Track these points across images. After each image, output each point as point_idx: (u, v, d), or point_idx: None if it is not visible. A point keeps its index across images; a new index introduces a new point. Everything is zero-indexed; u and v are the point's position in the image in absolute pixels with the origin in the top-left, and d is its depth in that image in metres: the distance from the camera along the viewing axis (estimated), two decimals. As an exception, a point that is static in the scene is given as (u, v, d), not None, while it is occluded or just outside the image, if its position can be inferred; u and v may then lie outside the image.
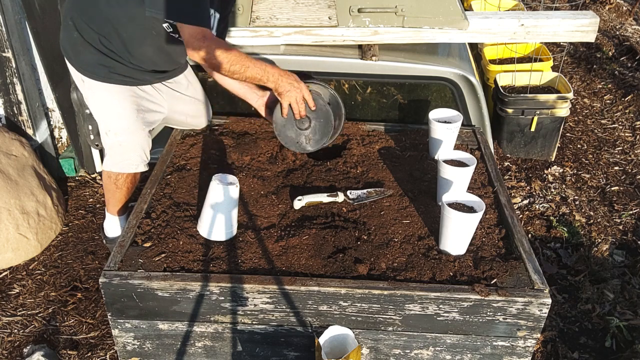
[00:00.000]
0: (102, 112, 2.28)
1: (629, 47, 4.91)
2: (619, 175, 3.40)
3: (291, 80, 2.12)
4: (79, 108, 2.84)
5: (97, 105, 2.28)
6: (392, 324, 1.77)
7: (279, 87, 2.11)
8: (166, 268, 1.78)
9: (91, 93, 2.26)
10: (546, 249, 2.82)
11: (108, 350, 2.27)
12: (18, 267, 2.65)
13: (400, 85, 2.70)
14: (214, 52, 1.97)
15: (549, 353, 2.31)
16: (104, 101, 2.24)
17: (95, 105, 2.30)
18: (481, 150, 2.44)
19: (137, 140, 2.28)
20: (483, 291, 1.70)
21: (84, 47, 2.15)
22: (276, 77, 2.09)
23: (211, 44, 1.98)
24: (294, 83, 2.12)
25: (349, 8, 2.52)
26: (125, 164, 2.30)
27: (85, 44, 2.14)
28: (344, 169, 2.28)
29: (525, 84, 3.39)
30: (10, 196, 2.61)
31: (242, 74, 2.07)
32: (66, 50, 2.24)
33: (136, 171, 2.34)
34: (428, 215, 2.03)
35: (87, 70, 2.19)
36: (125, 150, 2.29)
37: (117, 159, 2.30)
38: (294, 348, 1.84)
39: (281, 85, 2.10)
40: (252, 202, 2.08)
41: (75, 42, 2.16)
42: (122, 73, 2.20)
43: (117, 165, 2.31)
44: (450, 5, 2.53)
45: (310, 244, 1.88)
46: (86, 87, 2.25)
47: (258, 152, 2.35)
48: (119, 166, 2.31)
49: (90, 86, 2.23)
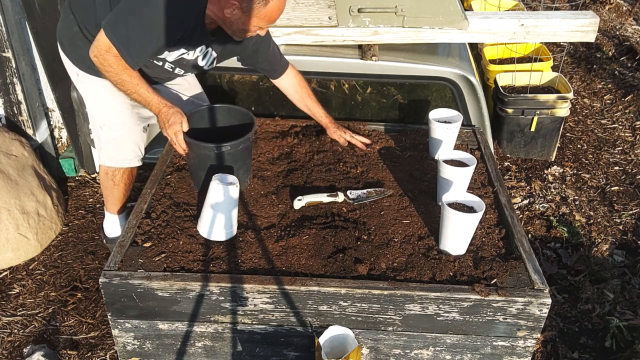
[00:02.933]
0: (96, 107, 2.29)
1: (629, 47, 4.91)
2: (619, 175, 3.40)
3: (167, 117, 2.03)
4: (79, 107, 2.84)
5: (91, 100, 2.29)
6: (392, 324, 1.77)
7: (158, 120, 2.08)
8: (166, 268, 1.78)
9: (85, 87, 2.27)
10: (546, 249, 2.82)
11: (108, 350, 2.27)
12: (18, 267, 2.65)
13: (400, 85, 2.70)
14: (109, 65, 1.97)
15: (549, 353, 2.31)
16: (98, 96, 2.25)
17: (89, 100, 2.31)
18: (481, 150, 2.44)
19: (131, 135, 2.29)
20: (483, 291, 1.70)
21: (82, 42, 2.16)
22: (156, 109, 2.05)
23: (109, 59, 1.96)
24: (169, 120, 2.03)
25: (349, 8, 2.52)
26: (119, 159, 2.32)
27: (84, 40, 2.14)
28: (344, 169, 2.28)
29: (525, 84, 3.39)
30: (10, 196, 2.61)
31: (129, 95, 2.06)
32: (62, 42, 2.24)
33: (130, 166, 2.35)
34: (428, 215, 2.03)
35: (83, 65, 2.20)
36: (119, 145, 2.30)
37: (112, 153, 2.31)
38: (294, 348, 1.84)
39: (159, 120, 2.07)
40: (252, 202, 2.08)
41: (74, 35, 2.17)
42: None
43: (112, 159, 2.32)
44: (450, 5, 2.53)
45: (310, 244, 1.88)
46: (80, 80, 2.27)
47: (258, 152, 2.35)
48: (114, 161, 2.32)
49: (84, 80, 2.25)
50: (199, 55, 2.14)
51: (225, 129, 2.21)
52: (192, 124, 2.10)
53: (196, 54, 2.13)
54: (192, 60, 2.15)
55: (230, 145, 2.01)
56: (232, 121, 2.21)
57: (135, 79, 2.01)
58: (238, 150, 2.05)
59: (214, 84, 2.76)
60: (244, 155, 2.11)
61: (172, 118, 2.02)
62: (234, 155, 2.04)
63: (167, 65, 2.15)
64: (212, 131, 2.20)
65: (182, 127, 2.02)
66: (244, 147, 2.08)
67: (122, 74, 1.98)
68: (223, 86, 2.76)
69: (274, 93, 2.74)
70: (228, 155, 2.03)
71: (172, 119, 2.02)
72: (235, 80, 2.76)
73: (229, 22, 1.94)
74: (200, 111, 2.20)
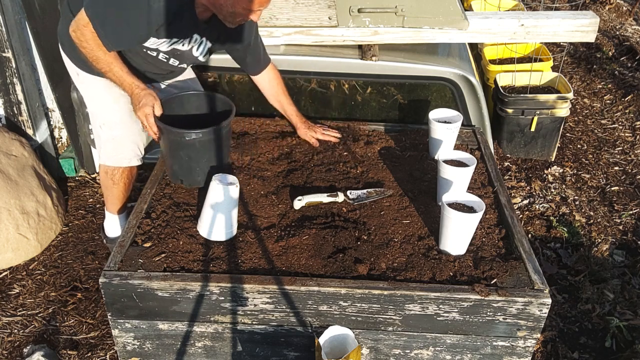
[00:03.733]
0: (96, 106, 2.29)
1: (629, 47, 4.91)
2: (619, 175, 3.40)
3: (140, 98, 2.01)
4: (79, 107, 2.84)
5: (91, 99, 2.30)
6: (392, 324, 1.77)
7: (132, 102, 2.06)
8: (166, 268, 1.78)
9: (85, 87, 2.28)
10: (546, 249, 2.82)
11: (108, 350, 2.27)
12: (18, 267, 2.65)
13: (400, 85, 2.70)
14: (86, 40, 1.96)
15: (549, 353, 2.31)
16: (98, 95, 2.25)
17: (89, 99, 2.31)
18: (481, 150, 2.44)
19: (130, 134, 2.29)
20: (483, 291, 1.70)
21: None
22: (129, 90, 2.03)
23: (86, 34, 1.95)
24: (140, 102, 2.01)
25: (349, 8, 2.52)
26: (119, 158, 2.32)
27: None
28: (344, 169, 2.28)
29: (525, 84, 3.39)
30: (10, 196, 2.61)
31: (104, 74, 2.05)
32: (63, 41, 2.25)
33: (129, 165, 2.35)
34: (428, 215, 2.03)
35: (84, 64, 2.20)
36: (119, 144, 2.30)
37: (111, 152, 2.31)
38: (294, 348, 1.84)
39: (132, 101, 2.06)
40: (252, 202, 2.08)
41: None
42: None
43: (111, 159, 2.32)
44: (450, 5, 2.53)
45: (310, 244, 1.88)
46: (80, 80, 2.27)
47: (258, 152, 2.35)
48: (113, 160, 2.32)
49: (84, 80, 2.25)
50: (193, 46, 2.14)
51: (205, 117, 2.13)
52: (170, 110, 2.05)
53: (191, 44, 2.12)
54: (186, 50, 2.14)
55: (202, 133, 1.93)
56: (211, 109, 2.15)
57: (110, 57, 1.99)
58: (211, 138, 1.97)
59: (214, 84, 2.76)
60: (218, 145, 2.01)
61: (144, 100, 1.99)
62: (206, 144, 1.97)
63: (161, 55, 2.15)
64: (191, 119, 2.12)
65: (153, 110, 1.99)
66: (217, 136, 1.98)
67: (97, 50, 1.97)
68: (223, 86, 2.76)
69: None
70: (200, 144, 1.96)
71: (144, 100, 1.99)
72: (236, 80, 2.75)
73: (218, 5, 1.94)
74: (179, 97, 2.15)
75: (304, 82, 2.70)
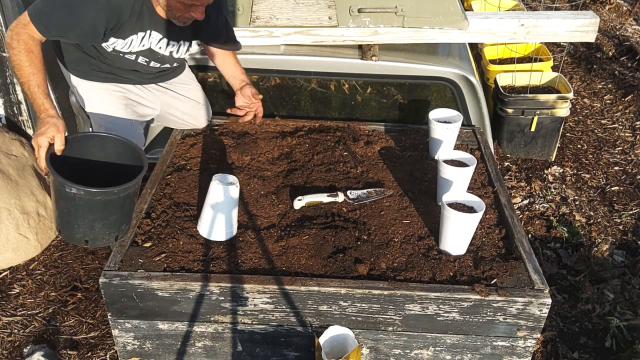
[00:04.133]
0: (92, 109, 2.30)
1: (629, 47, 4.91)
2: (619, 175, 3.40)
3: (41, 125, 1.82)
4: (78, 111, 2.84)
5: (87, 102, 2.31)
6: (392, 324, 1.77)
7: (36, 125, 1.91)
8: (166, 268, 1.78)
9: (80, 90, 2.29)
10: (546, 249, 2.82)
11: (108, 350, 2.27)
12: (18, 267, 2.65)
13: (400, 85, 2.70)
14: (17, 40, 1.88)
15: (549, 353, 2.31)
16: (91, 98, 2.26)
17: (85, 102, 2.32)
18: (481, 150, 2.44)
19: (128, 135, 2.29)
20: (483, 291, 1.70)
21: (67, 46, 2.18)
22: (38, 111, 1.87)
23: (21, 34, 1.89)
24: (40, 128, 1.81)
25: (349, 8, 2.52)
26: None
27: (67, 44, 2.16)
28: (344, 169, 2.28)
29: (525, 84, 3.39)
30: (10, 196, 2.61)
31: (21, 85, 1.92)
32: (53, 46, 2.27)
33: None
34: (428, 215, 2.03)
35: (72, 68, 2.23)
36: None
37: None
38: (294, 348, 1.84)
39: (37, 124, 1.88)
40: (252, 202, 2.08)
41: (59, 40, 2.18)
42: (104, 70, 2.22)
43: None
44: (450, 5, 2.53)
45: (310, 244, 1.88)
46: (74, 84, 2.29)
47: (258, 152, 2.35)
48: None
49: (77, 84, 2.27)
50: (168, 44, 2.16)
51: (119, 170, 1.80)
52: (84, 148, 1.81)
53: (164, 43, 2.14)
54: (160, 51, 2.16)
55: (83, 191, 1.57)
56: (124, 159, 1.84)
57: (33, 68, 1.88)
58: (95, 199, 1.61)
59: (214, 84, 2.76)
60: (104, 208, 1.66)
61: (44, 128, 1.79)
62: (91, 204, 1.63)
63: (140, 59, 2.17)
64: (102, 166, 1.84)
65: (48, 142, 1.77)
66: (106, 199, 1.62)
67: (23, 55, 1.86)
68: (223, 86, 2.76)
69: (274, 93, 2.74)
70: (80, 201, 1.61)
71: (44, 128, 1.79)
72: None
73: (162, 4, 1.98)
74: (101, 137, 1.87)
75: (304, 82, 2.70)
